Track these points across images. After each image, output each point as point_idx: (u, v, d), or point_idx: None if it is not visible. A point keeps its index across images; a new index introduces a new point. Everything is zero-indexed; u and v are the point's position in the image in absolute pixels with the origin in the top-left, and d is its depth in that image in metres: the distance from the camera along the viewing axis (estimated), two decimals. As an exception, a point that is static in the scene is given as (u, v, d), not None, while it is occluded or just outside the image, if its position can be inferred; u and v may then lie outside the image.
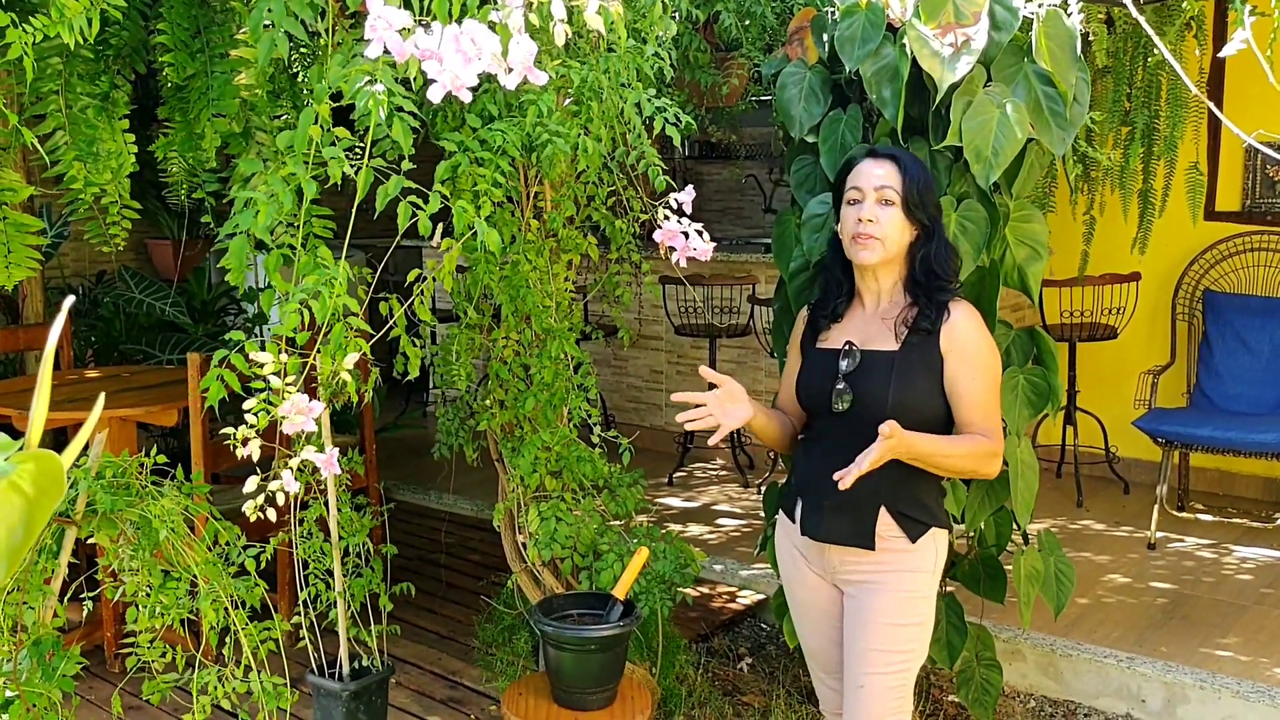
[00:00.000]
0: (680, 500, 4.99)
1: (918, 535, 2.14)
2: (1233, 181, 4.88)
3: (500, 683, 3.33)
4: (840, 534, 2.17)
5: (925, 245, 2.15)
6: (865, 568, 2.16)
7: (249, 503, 1.96)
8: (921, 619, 2.18)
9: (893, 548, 2.14)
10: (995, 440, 2.12)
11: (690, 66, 3.36)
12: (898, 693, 2.17)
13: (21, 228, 2.16)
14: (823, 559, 2.23)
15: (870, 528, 2.13)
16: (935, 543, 2.18)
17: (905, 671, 2.17)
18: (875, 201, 2.12)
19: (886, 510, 2.13)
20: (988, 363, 2.14)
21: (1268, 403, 4.49)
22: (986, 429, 2.12)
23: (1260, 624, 3.54)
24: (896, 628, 2.15)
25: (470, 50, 1.38)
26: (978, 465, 2.12)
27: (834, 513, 2.17)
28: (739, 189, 7.75)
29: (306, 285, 1.67)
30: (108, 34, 2.15)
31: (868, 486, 2.09)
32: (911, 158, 2.20)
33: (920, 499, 2.16)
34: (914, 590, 2.15)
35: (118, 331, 5.28)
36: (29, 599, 1.96)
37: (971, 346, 2.13)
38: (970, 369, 2.12)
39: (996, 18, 2.34)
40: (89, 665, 3.30)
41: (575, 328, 2.89)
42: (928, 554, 2.16)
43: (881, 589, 2.15)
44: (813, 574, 2.27)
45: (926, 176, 2.18)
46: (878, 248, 2.12)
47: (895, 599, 2.14)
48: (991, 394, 2.14)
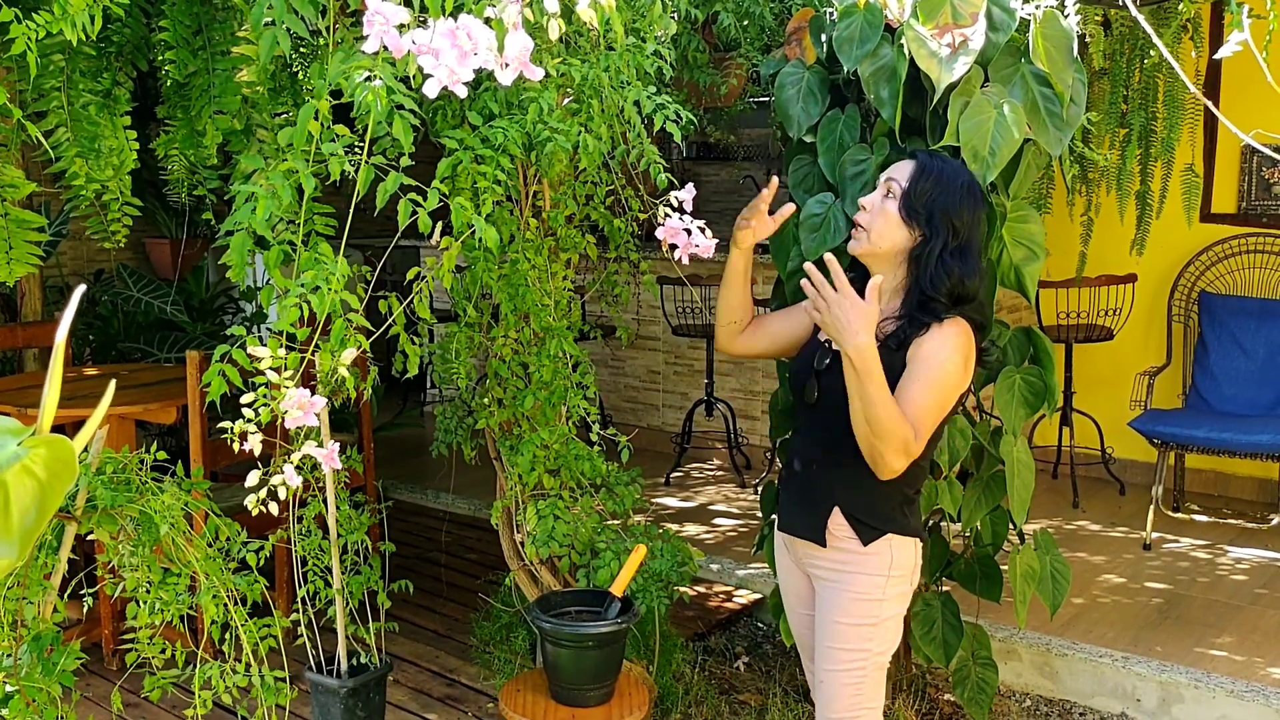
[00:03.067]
0: (677, 500, 5.00)
1: (870, 539, 2.13)
2: (1229, 184, 4.90)
3: (498, 680, 3.34)
4: (799, 526, 2.23)
5: (923, 252, 2.06)
6: (822, 563, 2.20)
7: (251, 497, 1.97)
8: (874, 620, 2.15)
9: (845, 547, 2.15)
10: (914, 439, 1.97)
11: (689, 66, 3.37)
12: (855, 690, 2.16)
13: (23, 224, 2.17)
14: (794, 549, 2.29)
15: (822, 524, 2.16)
16: (892, 548, 2.14)
17: (861, 669, 2.16)
18: (880, 191, 2.13)
19: (840, 511, 2.14)
20: (934, 373, 2.02)
21: (1263, 404, 4.51)
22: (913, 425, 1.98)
23: (1255, 624, 3.56)
24: (848, 627, 2.15)
25: (466, 45, 1.39)
26: (888, 437, 1.94)
27: (797, 505, 2.23)
28: (737, 190, 7.76)
29: (305, 280, 1.67)
30: (110, 31, 2.16)
31: (825, 483, 2.17)
32: (936, 163, 2.10)
33: (877, 505, 2.13)
34: (866, 593, 2.14)
35: (116, 330, 5.28)
36: (29, 594, 1.97)
37: (927, 352, 2.03)
38: (916, 370, 2.02)
39: (994, 18, 2.35)
40: (87, 663, 3.31)
41: (574, 326, 2.89)
42: (882, 559, 2.13)
43: (836, 587, 2.17)
44: (792, 564, 2.32)
45: (936, 183, 2.07)
46: (863, 237, 2.12)
47: (847, 598, 2.15)
48: (928, 401, 2.00)
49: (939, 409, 2.03)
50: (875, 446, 1.96)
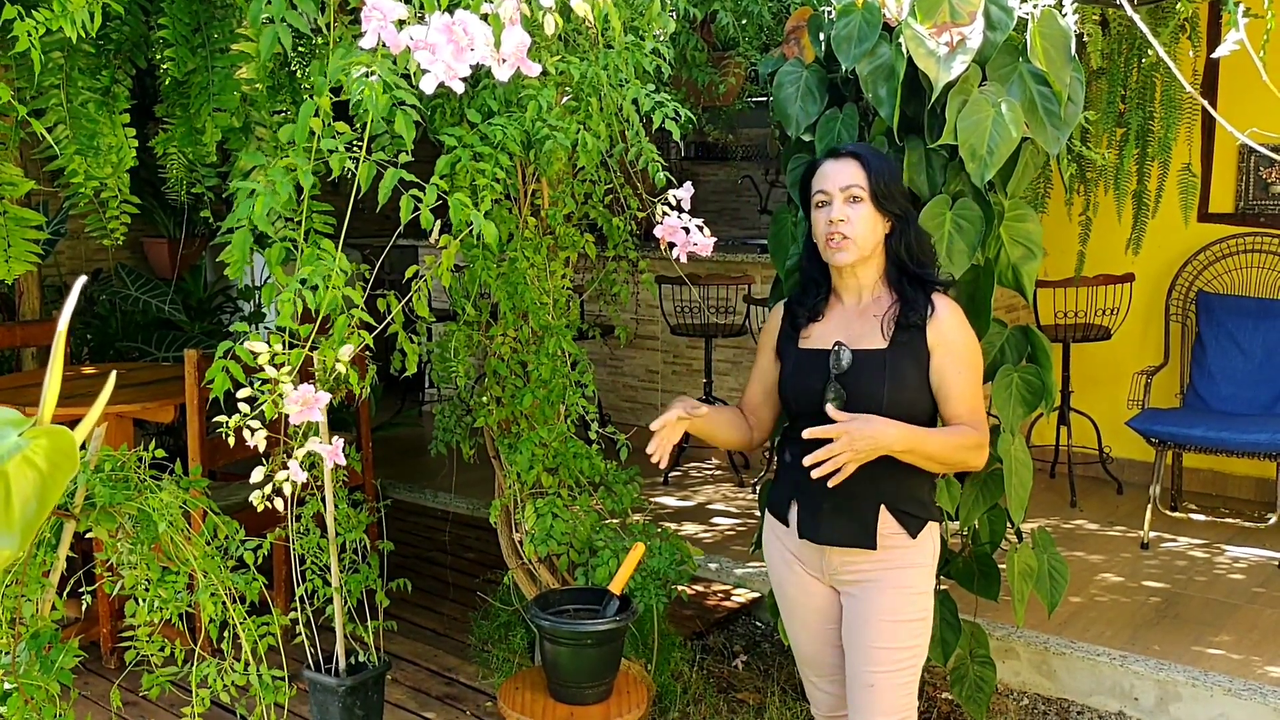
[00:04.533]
0: (675, 499, 5.00)
1: (917, 530, 2.16)
2: (1226, 183, 4.91)
3: (496, 679, 3.34)
4: (841, 536, 2.16)
5: (902, 235, 2.15)
6: (865, 567, 2.17)
7: (256, 493, 1.97)
8: (923, 613, 2.19)
9: (894, 544, 2.15)
10: (981, 432, 2.13)
11: (687, 65, 3.37)
12: (906, 689, 2.17)
13: (21, 222, 2.17)
14: (821, 561, 2.22)
15: (873, 528, 2.14)
16: (932, 536, 2.20)
17: (912, 668, 2.18)
18: (843, 201, 2.12)
19: (887, 509, 2.14)
20: (972, 358, 2.16)
21: (1260, 403, 4.51)
22: (973, 422, 2.13)
23: (1252, 623, 3.56)
24: (900, 624, 2.16)
25: (462, 40, 1.39)
26: (966, 457, 2.12)
27: (834, 514, 2.16)
28: (735, 190, 7.77)
29: (304, 274, 1.67)
30: (109, 28, 2.16)
31: (867, 486, 2.11)
32: (872, 151, 2.19)
33: (916, 494, 2.17)
34: (914, 585, 2.17)
35: (114, 329, 5.28)
36: (28, 592, 1.97)
37: (958, 342, 2.14)
38: (956, 364, 2.13)
39: (992, 17, 2.35)
40: (86, 661, 3.31)
41: (573, 325, 2.89)
42: (926, 548, 2.18)
43: (882, 586, 2.15)
44: (809, 576, 2.26)
45: (891, 167, 2.18)
46: (851, 248, 2.12)
47: (896, 595, 2.15)
48: (976, 387, 2.16)
49: (980, 385, 2.18)
50: (960, 465, 2.15)
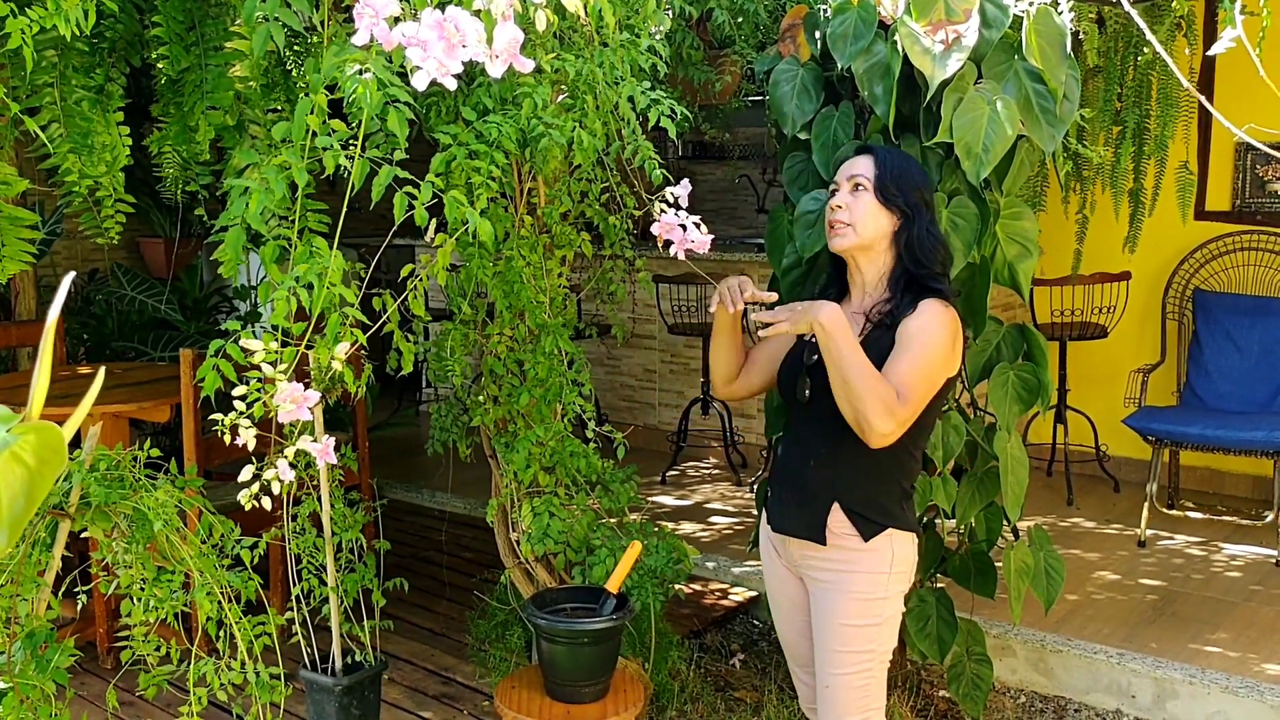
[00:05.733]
0: (673, 499, 5.00)
1: (871, 534, 2.13)
2: (1223, 181, 4.91)
3: (493, 678, 3.34)
4: (795, 526, 2.20)
5: (907, 232, 2.15)
6: (821, 564, 2.17)
7: (244, 492, 1.97)
8: (879, 619, 2.16)
9: (845, 545, 2.14)
10: (900, 402, 1.99)
11: (684, 63, 3.37)
12: (864, 691, 2.17)
13: (15, 221, 2.16)
14: (787, 551, 2.26)
15: (822, 522, 2.14)
16: (893, 544, 2.14)
17: (868, 670, 2.17)
18: (848, 190, 2.15)
19: (839, 506, 2.13)
20: (923, 348, 2.05)
21: (1257, 401, 4.51)
22: (899, 389, 2.01)
23: (1249, 620, 3.57)
24: (854, 629, 2.15)
25: (454, 36, 1.39)
26: (871, 404, 1.96)
27: (792, 505, 2.21)
28: (733, 189, 7.77)
29: (298, 273, 1.67)
30: (103, 27, 2.15)
31: (823, 480, 2.15)
32: (894, 151, 2.21)
33: (877, 499, 2.14)
34: (869, 592, 2.14)
35: (110, 329, 5.27)
36: (23, 591, 1.96)
37: (912, 327, 2.07)
38: (902, 345, 2.06)
39: (987, 15, 2.35)
40: (82, 661, 3.31)
41: (569, 323, 2.89)
42: (883, 555, 2.14)
43: (838, 590, 2.15)
44: (782, 566, 2.30)
45: (907, 166, 2.18)
46: (849, 233, 2.14)
47: (851, 600, 2.14)
48: (914, 371, 2.03)
49: (926, 382, 2.05)
50: (858, 410, 1.97)
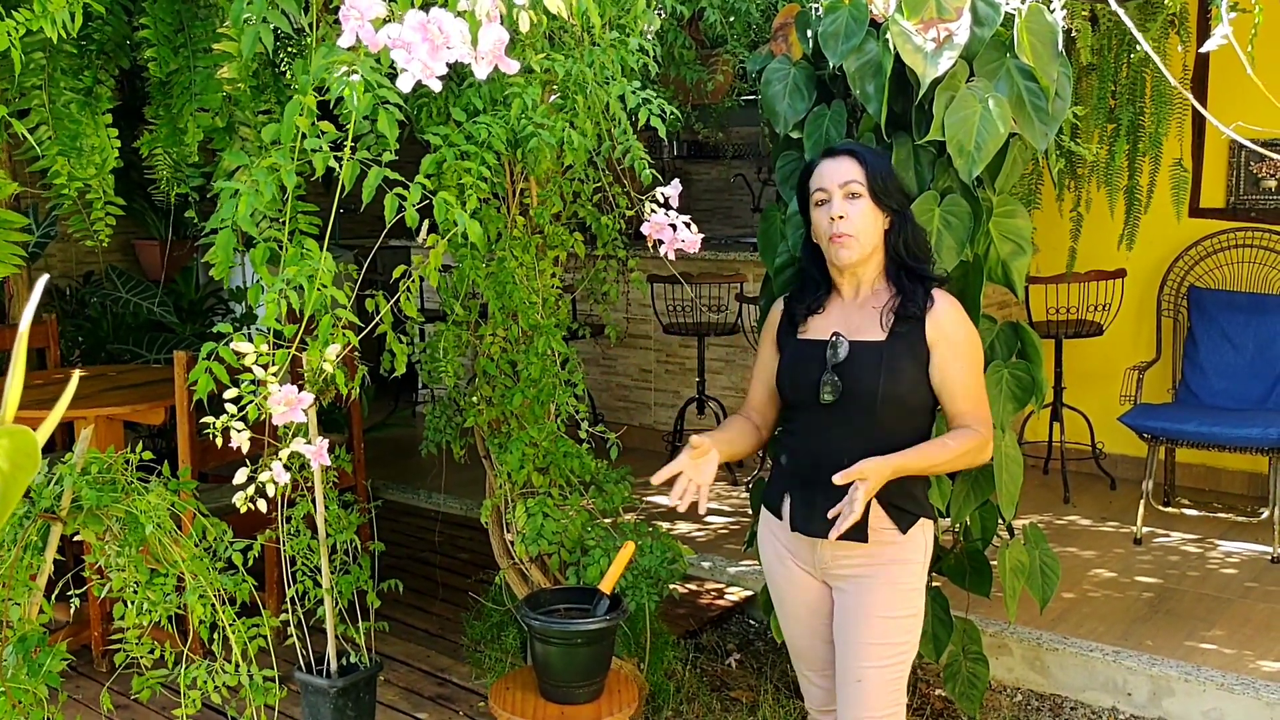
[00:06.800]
0: (668, 498, 4.99)
1: (908, 526, 2.16)
2: (1217, 178, 4.91)
3: (489, 679, 3.33)
4: (830, 527, 2.15)
5: (900, 230, 2.17)
6: (856, 561, 2.17)
7: (239, 494, 1.96)
8: (914, 610, 2.19)
9: (884, 539, 2.15)
10: (986, 428, 2.15)
11: (675, 63, 3.37)
12: (895, 685, 2.17)
13: (5, 224, 2.16)
14: (813, 554, 2.22)
15: (864, 521, 2.13)
16: (924, 533, 2.20)
17: (902, 664, 2.18)
18: (842, 197, 2.13)
19: (878, 502, 2.13)
20: (974, 352, 2.18)
21: (1252, 398, 4.52)
22: (977, 417, 2.15)
23: (1245, 617, 3.57)
24: (891, 620, 2.16)
25: (437, 38, 1.38)
26: (973, 459, 2.15)
27: (823, 506, 2.14)
28: (727, 188, 7.77)
29: (288, 275, 1.67)
30: (91, 29, 2.15)
31: None
32: (868, 149, 2.22)
33: (909, 490, 2.17)
34: (906, 582, 2.17)
35: (105, 331, 5.27)
36: (14, 595, 1.96)
37: (958, 336, 2.15)
38: (959, 360, 2.15)
39: (979, 13, 2.35)
40: (76, 665, 3.30)
41: (562, 324, 2.89)
42: (918, 544, 2.18)
43: (874, 582, 2.16)
44: (800, 570, 2.27)
45: (886, 164, 2.21)
46: (854, 245, 2.13)
47: (888, 592, 2.15)
48: (979, 381, 2.18)
49: (983, 379, 2.21)
50: (972, 465, 2.18)
